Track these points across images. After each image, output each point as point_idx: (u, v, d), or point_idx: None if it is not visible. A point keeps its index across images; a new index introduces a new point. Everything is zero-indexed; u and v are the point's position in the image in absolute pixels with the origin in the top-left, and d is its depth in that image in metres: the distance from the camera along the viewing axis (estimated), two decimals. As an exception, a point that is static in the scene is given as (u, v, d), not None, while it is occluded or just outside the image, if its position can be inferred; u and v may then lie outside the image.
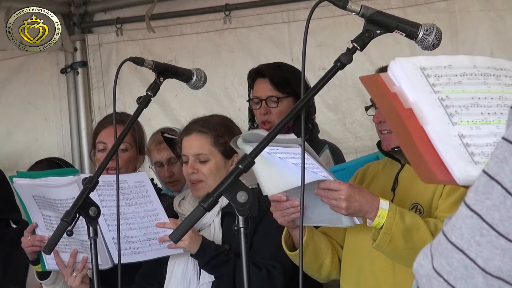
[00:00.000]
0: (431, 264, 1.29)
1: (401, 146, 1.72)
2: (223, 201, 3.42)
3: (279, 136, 2.38)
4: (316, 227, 3.18)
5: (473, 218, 1.26)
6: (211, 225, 3.49)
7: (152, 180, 3.61)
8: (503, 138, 1.27)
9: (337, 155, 4.24)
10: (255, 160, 2.26)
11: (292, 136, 2.72)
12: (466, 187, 1.55)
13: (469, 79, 1.72)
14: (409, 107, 1.65)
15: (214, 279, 3.41)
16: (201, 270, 3.43)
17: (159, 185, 4.52)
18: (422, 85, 1.68)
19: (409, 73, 1.70)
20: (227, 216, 3.47)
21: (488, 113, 1.66)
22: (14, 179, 3.61)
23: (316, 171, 2.77)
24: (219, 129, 3.52)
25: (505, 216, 1.24)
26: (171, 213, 3.51)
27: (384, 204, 2.79)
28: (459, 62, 1.75)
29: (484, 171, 1.27)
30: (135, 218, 3.43)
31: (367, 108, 3.15)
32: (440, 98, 1.66)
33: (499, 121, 1.65)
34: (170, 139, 4.27)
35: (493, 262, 1.24)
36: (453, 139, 1.60)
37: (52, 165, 4.51)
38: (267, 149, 2.66)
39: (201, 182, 3.49)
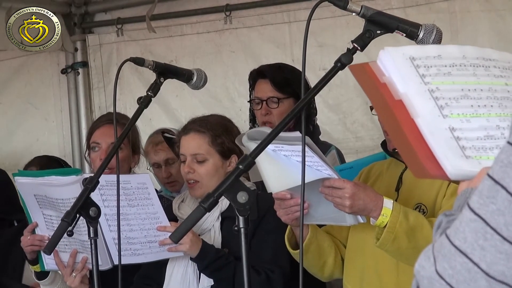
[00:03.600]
0: (433, 267, 1.29)
1: (391, 138, 1.70)
2: (223, 205, 3.42)
3: (284, 134, 2.39)
4: (320, 226, 3.18)
5: (477, 222, 1.26)
6: (211, 230, 3.48)
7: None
8: (508, 142, 1.26)
9: (341, 159, 4.24)
10: (257, 159, 2.27)
11: (297, 133, 2.72)
12: (457, 182, 1.55)
13: (458, 70, 1.69)
14: (399, 98, 1.62)
15: (213, 283, 3.41)
16: (201, 273, 3.42)
17: (155, 187, 4.51)
18: (412, 75, 1.65)
19: (399, 63, 1.67)
20: (226, 220, 3.46)
21: (478, 106, 1.63)
22: (15, 177, 3.62)
23: (321, 169, 2.78)
24: (217, 128, 3.52)
25: (509, 220, 1.23)
26: (170, 216, 3.50)
27: (388, 203, 2.80)
28: (448, 53, 1.72)
29: (488, 175, 1.27)
30: (136, 219, 3.43)
31: (372, 108, 3.14)
32: (430, 90, 1.64)
33: (489, 114, 1.63)
34: (170, 139, 4.27)
35: (497, 267, 1.24)
36: (444, 132, 1.58)
37: (51, 161, 4.51)
38: (272, 146, 2.67)
39: (197, 183, 3.49)
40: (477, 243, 1.25)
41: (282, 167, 2.79)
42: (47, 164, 4.40)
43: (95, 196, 2.93)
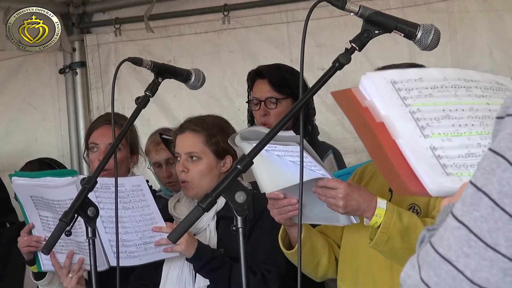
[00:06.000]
0: (418, 275, 1.29)
1: (373, 159, 1.71)
2: (218, 204, 3.41)
3: (278, 133, 2.38)
4: (313, 226, 3.18)
5: (461, 229, 1.26)
6: (207, 229, 3.48)
7: (147, 181, 3.60)
8: (490, 149, 1.27)
9: (339, 159, 4.24)
10: (253, 160, 2.27)
11: (291, 133, 2.71)
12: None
13: (439, 91, 1.72)
14: (381, 120, 1.65)
15: (209, 283, 3.40)
16: (197, 273, 3.42)
17: (154, 187, 4.52)
18: (393, 98, 1.69)
19: (380, 87, 1.70)
20: (222, 220, 3.45)
21: (460, 125, 1.66)
22: (12, 178, 3.61)
23: (314, 169, 2.77)
24: (212, 128, 3.51)
25: (493, 227, 1.24)
26: (166, 216, 3.50)
27: (381, 203, 2.79)
28: (430, 75, 1.75)
29: (471, 182, 1.27)
30: (131, 222, 3.42)
31: None
32: (411, 111, 1.67)
33: (470, 132, 1.65)
34: (167, 140, 4.27)
35: (481, 274, 1.24)
36: (425, 152, 1.60)
37: (43, 166, 4.50)
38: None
39: (188, 183, 3.48)
40: (461, 250, 1.25)
41: (275, 167, 2.78)
42: (39, 169, 4.39)
43: (91, 198, 2.93)
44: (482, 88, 1.73)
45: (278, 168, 2.77)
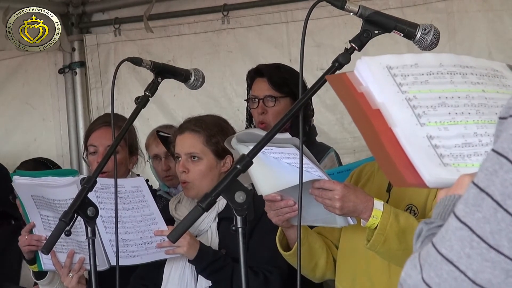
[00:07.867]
0: (420, 275, 1.29)
1: (369, 148, 1.69)
2: (219, 205, 3.42)
3: (275, 136, 2.38)
4: (311, 227, 3.18)
5: (463, 230, 1.26)
6: (208, 231, 3.48)
7: (147, 180, 3.60)
8: (493, 150, 1.26)
9: (339, 159, 4.24)
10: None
11: (287, 135, 2.71)
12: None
13: (435, 78, 1.69)
14: (377, 107, 1.62)
15: (211, 284, 3.40)
16: (199, 274, 3.42)
17: (154, 186, 4.52)
18: (389, 85, 1.66)
19: (376, 72, 1.68)
20: (223, 221, 3.46)
21: (456, 113, 1.64)
22: (14, 177, 3.62)
23: (311, 171, 2.76)
24: (212, 128, 3.52)
25: (495, 228, 1.24)
26: (167, 216, 3.50)
27: (378, 204, 2.78)
28: (425, 61, 1.72)
29: (474, 183, 1.27)
30: (131, 222, 3.43)
31: None
32: (408, 98, 1.64)
33: (467, 121, 1.63)
34: (165, 138, 4.28)
35: (483, 275, 1.24)
36: (422, 141, 1.58)
37: (38, 165, 4.49)
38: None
39: (189, 183, 3.49)
40: (464, 251, 1.25)
41: (271, 169, 2.78)
42: (34, 168, 4.38)
43: (91, 198, 2.93)
44: (478, 74, 1.71)
45: (275, 170, 2.77)
